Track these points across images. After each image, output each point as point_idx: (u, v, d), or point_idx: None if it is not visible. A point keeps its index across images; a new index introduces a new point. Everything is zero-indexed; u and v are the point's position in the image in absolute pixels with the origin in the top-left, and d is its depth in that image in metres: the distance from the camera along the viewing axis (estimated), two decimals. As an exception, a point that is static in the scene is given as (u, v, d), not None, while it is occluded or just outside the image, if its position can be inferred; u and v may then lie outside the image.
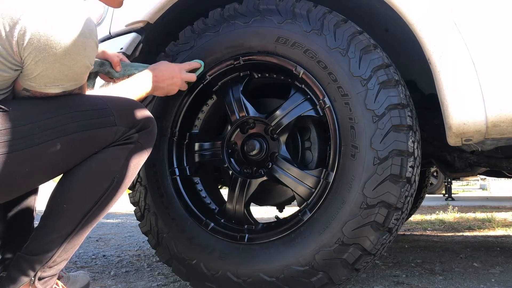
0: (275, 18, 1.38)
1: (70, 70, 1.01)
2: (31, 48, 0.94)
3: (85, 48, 0.99)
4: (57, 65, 0.98)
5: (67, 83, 1.04)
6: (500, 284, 1.62)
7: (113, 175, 1.09)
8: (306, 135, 1.52)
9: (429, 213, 4.78)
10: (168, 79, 1.39)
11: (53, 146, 1.01)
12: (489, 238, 2.94)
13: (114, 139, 1.09)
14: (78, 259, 2.22)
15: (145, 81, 1.34)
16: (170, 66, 1.42)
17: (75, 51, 0.97)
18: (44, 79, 1.00)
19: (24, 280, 1.06)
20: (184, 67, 1.45)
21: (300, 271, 1.29)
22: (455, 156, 2.09)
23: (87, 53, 1.01)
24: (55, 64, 0.97)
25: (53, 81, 1.01)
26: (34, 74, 0.99)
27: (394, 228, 1.28)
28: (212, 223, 1.49)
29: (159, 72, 1.38)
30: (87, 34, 0.99)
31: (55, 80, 1.01)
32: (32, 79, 1.00)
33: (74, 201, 1.07)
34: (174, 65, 1.43)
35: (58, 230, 1.06)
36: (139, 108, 1.17)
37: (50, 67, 0.98)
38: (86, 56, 1.01)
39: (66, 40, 0.96)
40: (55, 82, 1.02)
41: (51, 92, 1.04)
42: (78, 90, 1.11)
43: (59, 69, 0.99)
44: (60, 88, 1.04)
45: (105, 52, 1.42)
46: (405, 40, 1.38)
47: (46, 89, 1.03)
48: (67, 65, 0.99)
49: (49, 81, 1.01)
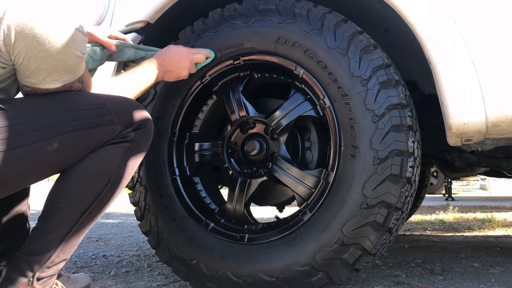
0: (275, 18, 1.38)
1: (64, 63, 1.01)
2: (20, 46, 0.94)
3: (74, 40, 0.99)
4: (50, 60, 0.98)
5: (65, 76, 1.04)
6: (500, 284, 1.62)
7: (110, 174, 1.08)
8: (306, 135, 1.52)
9: (429, 213, 4.77)
10: (176, 62, 1.38)
11: (49, 145, 1.01)
12: (489, 238, 2.94)
13: (111, 138, 1.09)
14: (78, 259, 2.22)
15: (153, 67, 1.34)
16: (177, 48, 1.41)
17: (64, 44, 0.97)
18: (41, 74, 1.00)
19: (23, 280, 1.05)
20: (192, 51, 1.44)
21: (300, 271, 1.29)
22: (455, 156, 2.09)
23: (76, 44, 1.00)
24: (48, 59, 0.97)
25: (50, 76, 1.01)
26: (30, 70, 0.99)
27: (394, 228, 1.28)
28: (212, 223, 1.49)
29: (167, 56, 1.38)
30: (73, 25, 0.99)
31: (52, 74, 1.01)
32: (30, 75, 1.00)
33: (71, 200, 1.06)
34: (182, 47, 1.43)
35: (56, 230, 1.06)
36: (136, 107, 1.17)
37: (44, 63, 0.98)
38: (76, 47, 1.01)
39: (54, 35, 0.95)
40: (53, 76, 1.02)
41: (51, 87, 1.04)
42: (79, 83, 1.10)
43: (53, 64, 0.99)
44: (60, 82, 1.04)
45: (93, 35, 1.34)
46: (405, 40, 1.37)
47: (46, 84, 1.03)
48: (59, 58, 0.99)
49: (46, 76, 1.01)
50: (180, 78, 1.42)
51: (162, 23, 1.53)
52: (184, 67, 1.40)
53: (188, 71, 1.42)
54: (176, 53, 1.40)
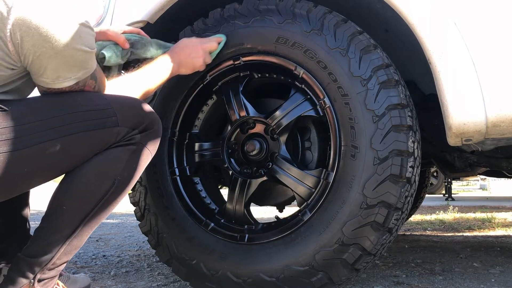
0: (275, 18, 1.38)
1: (73, 59, 1.00)
2: (28, 45, 0.94)
3: (80, 35, 0.98)
4: (59, 57, 0.97)
5: (77, 72, 1.03)
6: (500, 284, 1.62)
7: (114, 177, 1.07)
8: (306, 135, 1.52)
9: (429, 213, 4.78)
10: (190, 52, 1.38)
11: (52, 146, 1.00)
12: (489, 238, 2.94)
13: (116, 140, 1.07)
14: (78, 259, 2.22)
15: (168, 61, 1.33)
16: (188, 40, 1.41)
17: (71, 40, 0.97)
18: (53, 73, 1.00)
19: (24, 282, 1.05)
20: (203, 40, 1.43)
21: (300, 271, 1.29)
22: (455, 156, 2.09)
23: (83, 39, 1.00)
24: (57, 57, 0.97)
25: (62, 74, 1.01)
26: (42, 69, 0.99)
27: (394, 228, 1.28)
28: (212, 223, 1.49)
29: (180, 49, 1.37)
30: (78, 20, 0.98)
31: (64, 71, 1.01)
32: (43, 75, 1.00)
33: (73, 203, 1.05)
34: (193, 38, 1.42)
35: (58, 232, 1.05)
36: (144, 108, 1.15)
37: (53, 60, 0.97)
38: (83, 42, 0.99)
39: (59, 32, 0.95)
40: (65, 74, 1.01)
41: (65, 85, 1.03)
42: (92, 80, 1.09)
43: (63, 61, 0.99)
44: (73, 79, 1.03)
45: (107, 33, 1.33)
46: (405, 40, 1.37)
47: (60, 83, 1.02)
48: (68, 55, 0.98)
49: (59, 75, 1.01)
50: (196, 69, 1.41)
51: (162, 23, 1.53)
52: (198, 57, 1.39)
53: (202, 61, 1.41)
54: (187, 44, 1.39)
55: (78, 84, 1.06)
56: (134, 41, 1.35)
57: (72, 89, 1.06)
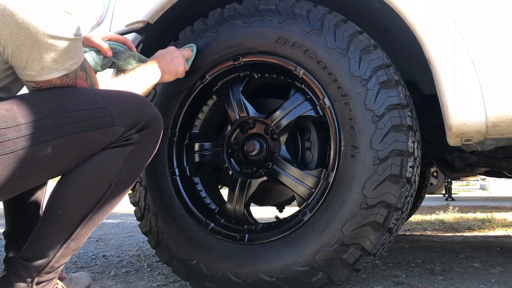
0: (275, 18, 1.38)
1: (56, 47, 0.94)
2: (4, 34, 0.89)
3: (60, 22, 0.93)
4: (39, 45, 0.92)
5: (63, 63, 0.97)
6: (500, 284, 1.62)
7: (111, 180, 1.02)
8: (306, 135, 1.52)
9: (429, 213, 4.78)
10: (171, 59, 1.38)
11: (46, 148, 0.95)
12: (489, 238, 2.94)
13: (112, 141, 1.02)
14: (78, 259, 2.22)
15: (152, 68, 1.33)
16: (165, 49, 1.41)
17: (51, 27, 0.92)
18: (36, 63, 0.95)
19: (21, 286, 1.03)
20: (178, 48, 1.46)
21: (300, 271, 1.29)
22: (455, 156, 2.09)
23: (65, 25, 0.94)
24: (37, 45, 0.92)
25: (46, 64, 0.95)
26: (24, 60, 0.94)
27: (394, 228, 1.28)
28: (212, 223, 1.49)
29: (161, 57, 1.37)
30: (58, 6, 0.93)
31: (47, 61, 0.95)
32: (26, 67, 0.95)
33: (69, 207, 1.01)
34: (170, 47, 1.43)
35: (54, 235, 1.01)
36: (142, 105, 1.09)
37: (34, 50, 0.92)
38: (65, 29, 0.93)
39: (36, 18, 0.90)
40: (50, 65, 0.96)
41: (52, 77, 0.98)
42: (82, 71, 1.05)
43: (44, 49, 0.93)
44: (60, 70, 0.98)
45: (90, 40, 1.29)
46: (405, 40, 1.37)
47: (46, 75, 0.97)
48: (49, 43, 0.93)
49: (43, 65, 0.95)
50: (178, 75, 1.42)
51: (162, 23, 1.53)
52: (179, 63, 1.40)
53: (183, 67, 1.42)
54: (167, 52, 1.40)
55: (68, 77, 1.01)
56: (118, 52, 1.34)
57: (64, 83, 1.01)
